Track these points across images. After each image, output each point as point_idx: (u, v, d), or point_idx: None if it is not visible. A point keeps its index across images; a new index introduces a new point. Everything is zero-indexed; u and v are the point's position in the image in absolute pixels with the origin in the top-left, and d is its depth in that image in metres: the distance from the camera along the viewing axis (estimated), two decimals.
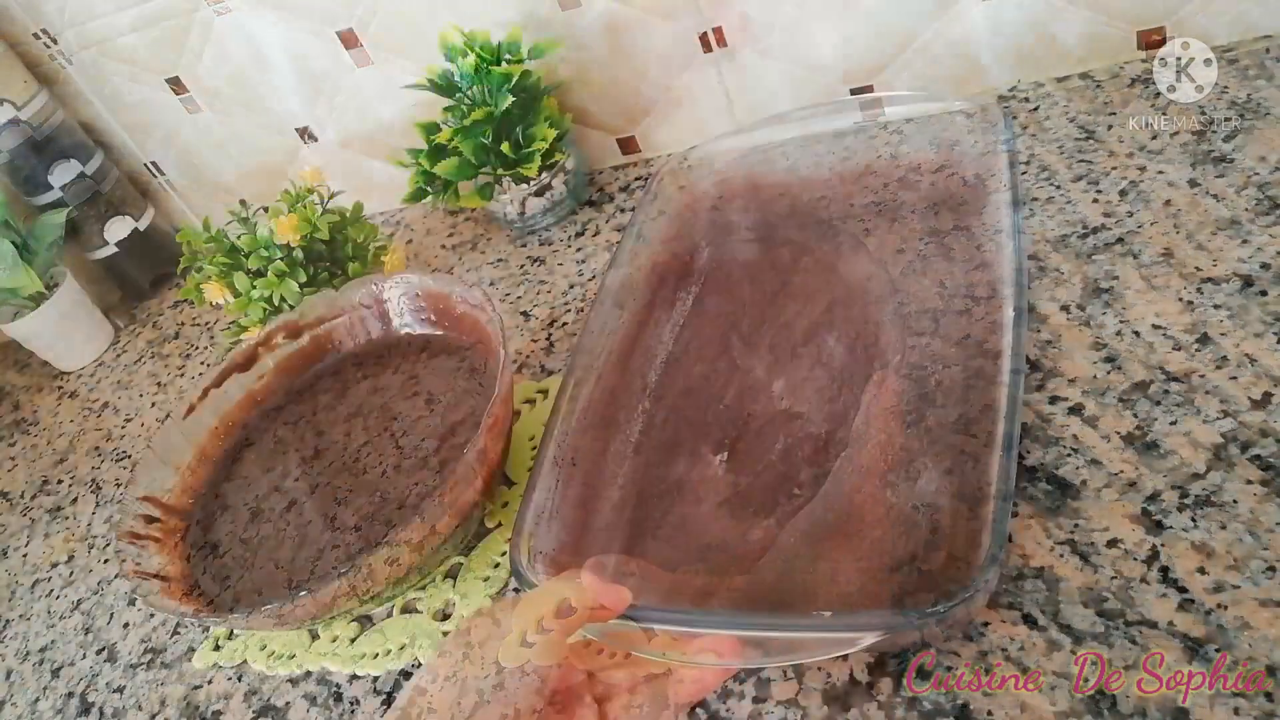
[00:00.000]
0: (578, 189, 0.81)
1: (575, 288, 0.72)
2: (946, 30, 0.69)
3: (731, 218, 0.67)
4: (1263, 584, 0.38)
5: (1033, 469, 0.45)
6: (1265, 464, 0.41)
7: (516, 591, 0.52)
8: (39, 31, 0.91)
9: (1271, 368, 0.44)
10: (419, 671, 0.36)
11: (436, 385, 0.61)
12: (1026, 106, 0.67)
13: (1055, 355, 0.50)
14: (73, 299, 0.94)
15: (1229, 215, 0.52)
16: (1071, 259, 0.54)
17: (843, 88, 0.74)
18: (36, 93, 0.91)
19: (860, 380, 0.52)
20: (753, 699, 0.42)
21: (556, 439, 0.50)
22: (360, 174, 0.94)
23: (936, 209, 0.60)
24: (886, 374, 0.52)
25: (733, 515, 0.49)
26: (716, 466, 0.52)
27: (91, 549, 0.71)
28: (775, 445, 0.51)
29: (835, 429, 0.50)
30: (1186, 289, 0.50)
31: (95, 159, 0.96)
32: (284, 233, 0.69)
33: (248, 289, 0.70)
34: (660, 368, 0.59)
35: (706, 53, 0.75)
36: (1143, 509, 0.42)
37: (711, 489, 0.51)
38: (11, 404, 0.97)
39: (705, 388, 0.56)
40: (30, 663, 0.64)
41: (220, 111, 0.93)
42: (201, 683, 0.56)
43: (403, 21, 0.80)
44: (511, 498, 0.57)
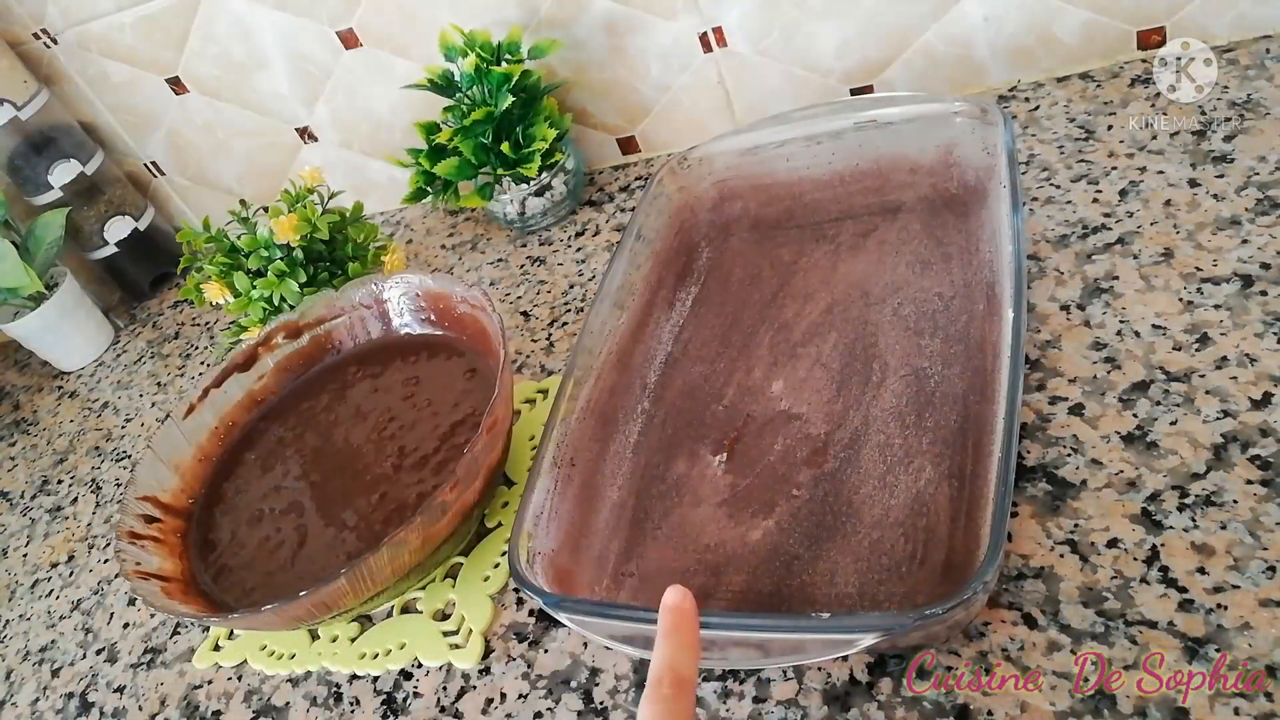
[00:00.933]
0: (578, 189, 0.81)
1: (575, 288, 0.72)
2: (946, 30, 0.69)
3: (731, 218, 0.67)
4: (1262, 584, 0.38)
5: (1032, 469, 0.45)
6: (1265, 464, 0.41)
7: (517, 591, 0.52)
8: (39, 31, 0.91)
9: (1271, 368, 0.44)
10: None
11: (436, 385, 0.61)
12: (1026, 106, 0.67)
13: (1055, 355, 0.50)
14: (73, 299, 0.94)
15: (1229, 215, 0.52)
16: (1071, 259, 0.54)
17: (843, 88, 0.74)
18: (36, 93, 0.91)
19: (860, 381, 0.52)
20: (753, 699, 0.42)
21: (556, 439, 0.50)
22: (360, 174, 0.94)
23: (936, 209, 0.60)
24: (886, 374, 0.52)
25: (732, 515, 0.49)
26: (715, 467, 0.52)
27: (91, 549, 0.71)
28: (774, 446, 0.51)
29: (835, 429, 0.50)
30: (1186, 289, 0.50)
31: (95, 159, 0.96)
32: (284, 233, 0.68)
33: (248, 289, 0.70)
34: (660, 368, 0.59)
35: (706, 53, 0.75)
36: (1142, 509, 0.42)
37: (711, 489, 0.51)
38: (11, 404, 0.97)
39: (705, 388, 0.57)
40: (30, 663, 0.64)
41: (221, 111, 0.93)
42: (201, 683, 0.56)
43: (403, 21, 0.80)
44: (511, 498, 0.57)
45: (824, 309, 0.58)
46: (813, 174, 0.63)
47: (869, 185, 0.62)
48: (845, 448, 0.49)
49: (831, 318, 0.57)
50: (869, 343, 0.54)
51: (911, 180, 0.61)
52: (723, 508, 0.49)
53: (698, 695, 0.43)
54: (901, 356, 0.53)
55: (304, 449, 0.61)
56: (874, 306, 0.56)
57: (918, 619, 0.35)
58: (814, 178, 0.63)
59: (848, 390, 0.52)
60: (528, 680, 0.47)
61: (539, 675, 0.47)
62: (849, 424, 0.50)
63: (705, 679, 0.44)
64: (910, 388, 0.51)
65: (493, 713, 0.47)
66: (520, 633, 0.50)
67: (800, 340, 0.57)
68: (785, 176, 0.64)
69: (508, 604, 0.51)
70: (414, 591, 0.54)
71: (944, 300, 0.55)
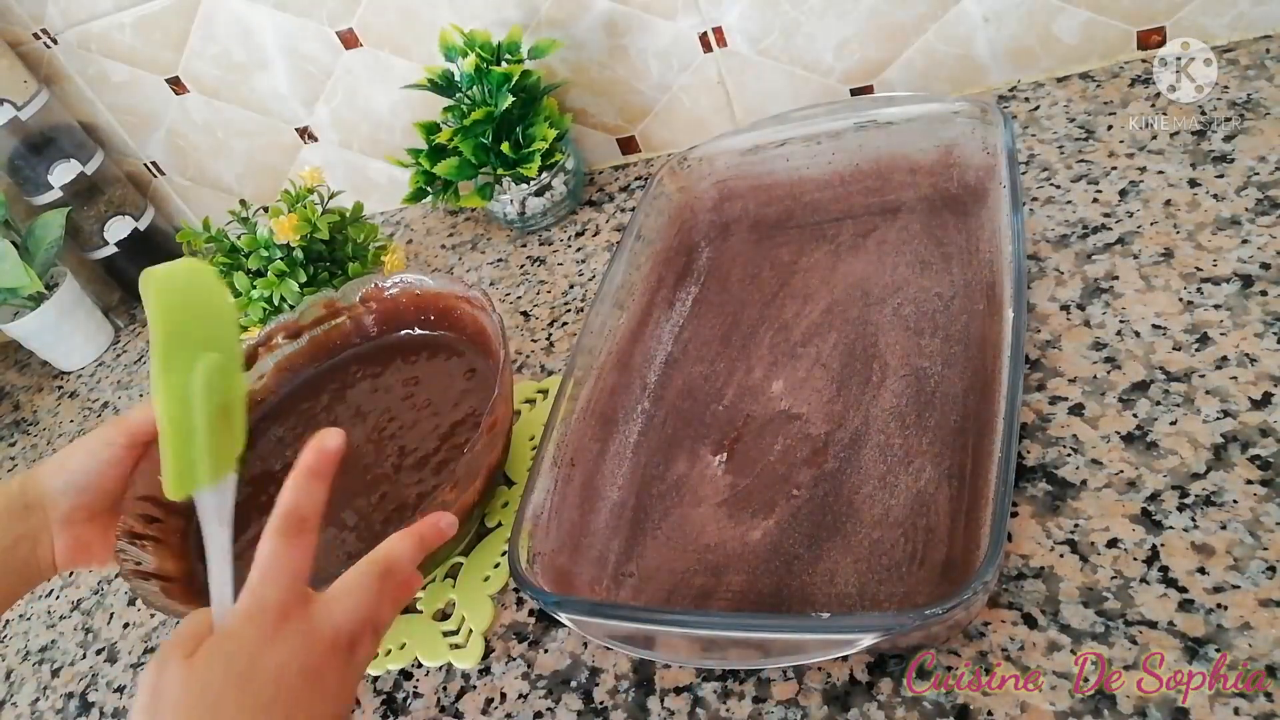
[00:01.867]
0: (578, 189, 0.81)
1: (575, 288, 0.72)
2: (946, 30, 0.69)
3: (731, 218, 0.67)
4: (1262, 584, 0.38)
5: (1032, 469, 0.45)
6: (1265, 464, 0.41)
7: (517, 591, 0.52)
8: (39, 31, 0.91)
9: (1271, 368, 0.44)
10: None
11: (436, 385, 0.61)
12: (1026, 106, 0.67)
13: (1055, 355, 0.50)
14: (73, 299, 0.94)
15: (1229, 215, 0.52)
16: (1071, 259, 0.54)
17: (843, 88, 0.74)
18: (36, 93, 0.91)
19: (860, 381, 0.52)
20: (753, 699, 0.42)
21: (556, 439, 0.50)
22: (360, 174, 0.94)
23: (936, 209, 0.60)
24: (886, 374, 0.52)
25: (732, 515, 0.49)
26: (716, 467, 0.52)
27: None
28: (774, 446, 0.51)
29: (835, 429, 0.50)
30: (1186, 289, 0.50)
31: (95, 159, 0.96)
32: (284, 233, 0.68)
33: (248, 289, 0.70)
34: (660, 368, 0.59)
35: (706, 53, 0.75)
36: (1142, 509, 0.42)
37: (711, 489, 0.51)
38: (11, 404, 0.97)
39: (705, 388, 0.56)
40: (30, 663, 0.64)
41: (220, 111, 0.93)
42: None
43: (403, 21, 0.80)
44: (511, 498, 0.57)
45: (824, 309, 0.58)
46: (813, 174, 0.63)
47: (869, 185, 0.62)
48: (845, 448, 0.49)
49: (831, 318, 0.57)
50: (869, 343, 0.54)
51: (911, 180, 0.61)
52: (723, 508, 0.49)
53: (698, 695, 0.43)
54: (901, 356, 0.53)
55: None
56: (874, 306, 0.56)
57: (918, 619, 0.35)
58: (814, 178, 0.63)
59: (848, 390, 0.52)
60: (528, 680, 0.47)
61: (539, 675, 0.47)
62: (849, 424, 0.50)
63: (705, 679, 0.44)
64: (910, 388, 0.51)
65: (493, 712, 0.47)
66: (520, 633, 0.50)
67: (800, 340, 0.57)
68: (785, 176, 0.64)
69: (508, 604, 0.51)
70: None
71: (944, 300, 0.55)
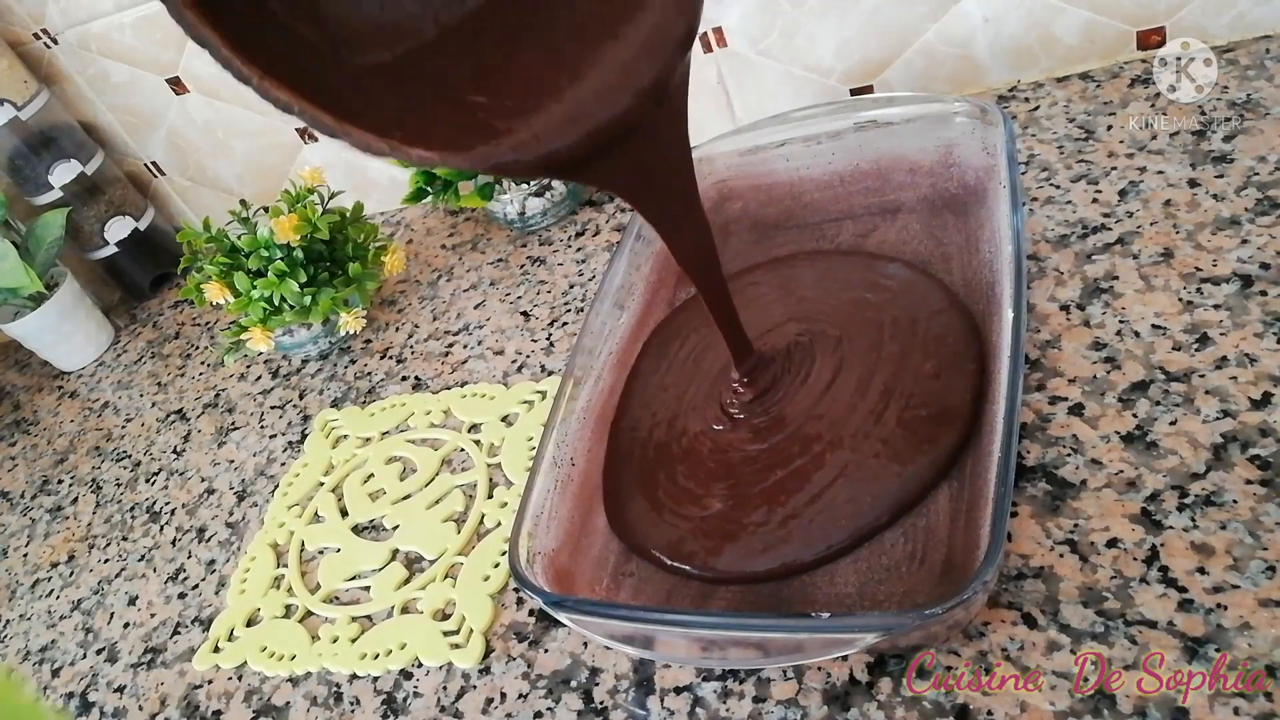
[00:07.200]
0: (578, 189, 0.81)
1: (575, 288, 0.72)
2: (946, 30, 0.69)
3: (731, 218, 0.67)
4: (1262, 584, 0.38)
5: (1032, 469, 0.45)
6: (1265, 464, 0.41)
7: (517, 591, 0.52)
8: (39, 31, 0.91)
9: (1271, 368, 0.44)
10: None
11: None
12: (1026, 106, 0.67)
13: (1055, 355, 0.50)
14: (73, 299, 0.94)
15: (1228, 215, 0.52)
16: (1071, 259, 0.54)
17: (843, 88, 0.74)
18: (36, 93, 0.91)
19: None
20: (753, 699, 0.42)
21: (556, 439, 0.50)
22: (360, 174, 0.94)
23: (936, 209, 0.60)
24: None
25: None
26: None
27: (92, 549, 0.71)
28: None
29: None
30: (1186, 289, 0.50)
31: (95, 159, 0.96)
32: (284, 233, 0.69)
33: (248, 289, 0.70)
34: None
35: (706, 53, 0.75)
36: (1142, 508, 0.42)
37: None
38: (11, 404, 0.97)
39: None
40: (30, 663, 0.64)
41: (221, 111, 0.93)
42: (202, 682, 0.56)
43: None
44: (511, 498, 0.57)
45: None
46: (813, 174, 0.63)
47: (869, 185, 0.62)
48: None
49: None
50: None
51: (911, 180, 0.61)
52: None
53: (698, 695, 0.43)
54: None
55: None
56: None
57: (918, 619, 0.35)
58: (814, 178, 0.63)
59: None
60: (528, 680, 0.47)
61: (539, 675, 0.47)
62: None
63: (705, 679, 0.44)
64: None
65: (493, 712, 0.47)
66: (520, 632, 0.50)
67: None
68: (785, 177, 0.64)
69: (508, 604, 0.51)
70: (414, 591, 0.54)
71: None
